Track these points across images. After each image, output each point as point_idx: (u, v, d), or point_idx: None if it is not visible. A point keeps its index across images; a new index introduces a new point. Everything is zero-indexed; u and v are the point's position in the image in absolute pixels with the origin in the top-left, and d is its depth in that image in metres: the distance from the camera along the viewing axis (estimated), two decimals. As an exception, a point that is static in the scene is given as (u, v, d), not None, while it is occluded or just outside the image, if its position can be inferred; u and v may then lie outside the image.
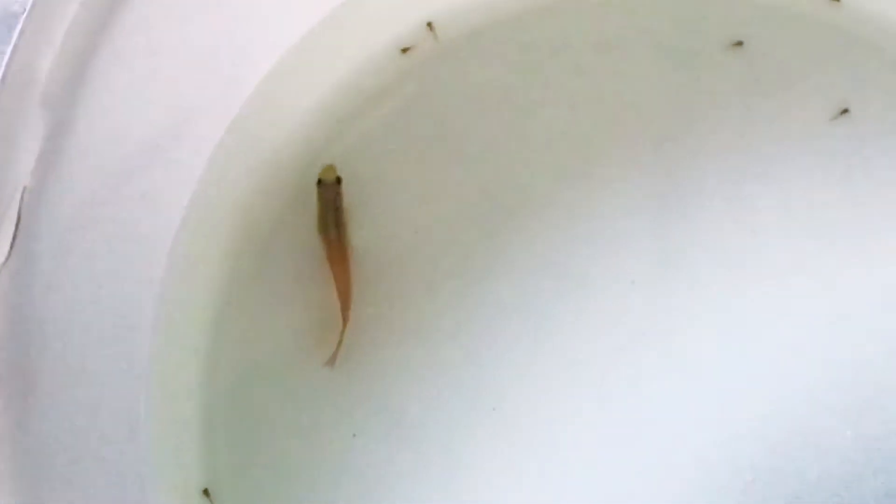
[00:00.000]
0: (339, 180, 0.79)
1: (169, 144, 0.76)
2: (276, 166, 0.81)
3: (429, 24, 0.82)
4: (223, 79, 0.79)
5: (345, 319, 0.76)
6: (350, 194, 0.80)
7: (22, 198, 0.63)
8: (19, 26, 0.63)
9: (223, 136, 0.79)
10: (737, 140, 0.80)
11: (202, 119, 0.78)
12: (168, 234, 0.77)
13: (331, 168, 0.80)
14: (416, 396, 0.76)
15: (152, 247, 0.76)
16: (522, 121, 0.81)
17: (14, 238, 0.63)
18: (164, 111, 0.74)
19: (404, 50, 0.82)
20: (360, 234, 0.79)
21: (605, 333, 0.77)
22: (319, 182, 0.79)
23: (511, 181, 0.80)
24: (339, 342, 0.76)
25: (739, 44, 0.81)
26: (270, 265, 0.80)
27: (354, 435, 0.75)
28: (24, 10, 0.63)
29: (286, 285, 0.79)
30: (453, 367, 0.77)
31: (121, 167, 0.72)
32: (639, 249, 0.78)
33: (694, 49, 0.81)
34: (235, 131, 0.79)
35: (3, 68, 0.62)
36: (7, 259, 0.63)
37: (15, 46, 0.63)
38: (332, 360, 0.76)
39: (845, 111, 0.80)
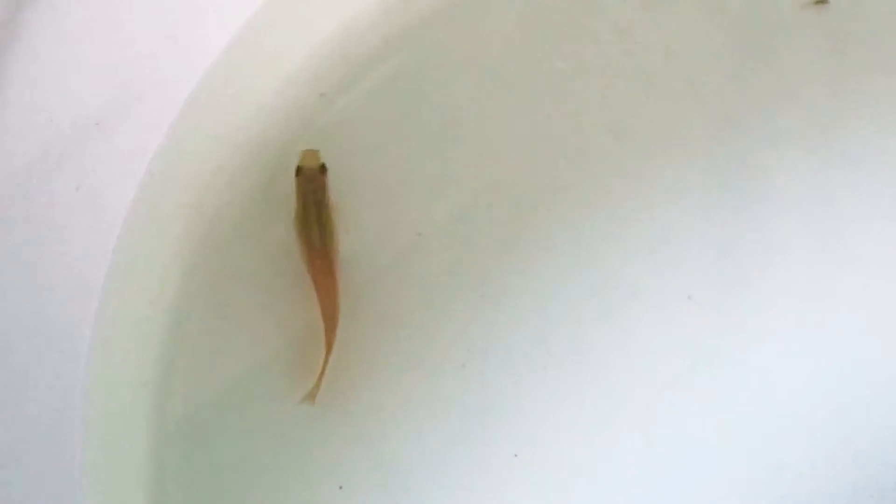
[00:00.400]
0: (323, 169, 0.72)
1: (110, 126, 0.70)
2: (242, 153, 0.74)
3: None
4: (178, 46, 0.73)
5: (328, 344, 0.69)
6: (336, 188, 0.72)
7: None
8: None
9: (177, 116, 0.72)
10: (818, 123, 0.73)
11: (152, 94, 0.72)
12: (108, 236, 0.71)
13: (313, 153, 0.72)
14: (416, 441, 0.68)
15: (88, 252, 0.70)
16: (545, 97, 0.74)
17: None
18: (104, 85, 0.69)
19: None
20: (347, 237, 0.72)
21: (655, 361, 0.69)
22: (299, 171, 0.72)
23: (533, 173, 0.73)
24: (321, 372, 0.68)
25: (823, 1, 0.74)
26: (235, 275, 0.72)
27: (341, 487, 0.68)
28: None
29: (255, 300, 0.71)
30: (462, 405, 0.69)
31: (49, 154, 0.67)
32: (695, 258, 0.70)
33: (763, 8, 0.74)
34: (192, 110, 0.73)
35: None
36: None
37: None
38: (312, 395, 0.68)
39: None
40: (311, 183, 0.71)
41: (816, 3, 0.74)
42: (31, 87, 0.64)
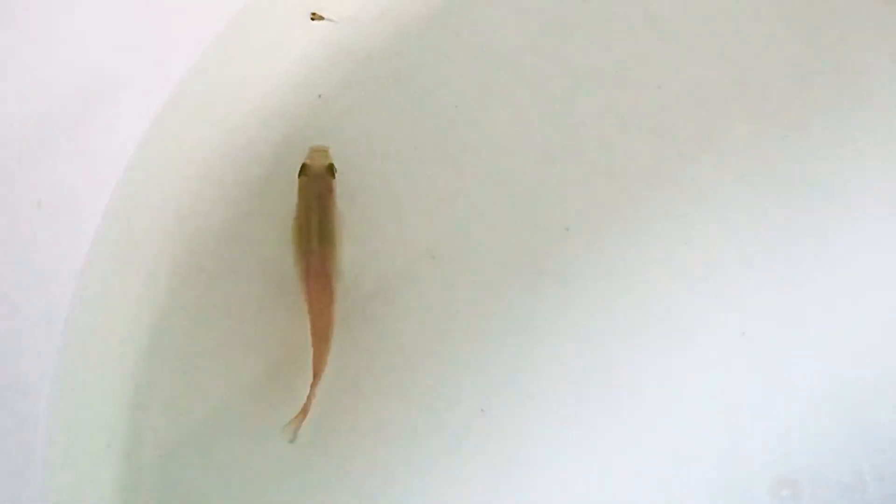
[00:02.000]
0: (331, 170, 0.64)
1: (80, 130, 0.62)
2: (228, 161, 0.66)
3: None
4: (160, 42, 0.66)
5: (317, 372, 0.60)
6: (342, 195, 0.64)
7: None
8: None
9: (155, 118, 0.65)
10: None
11: (128, 94, 0.64)
12: (75, 256, 0.63)
13: (322, 151, 0.64)
14: (416, 490, 0.60)
15: (51, 274, 0.62)
16: (569, 98, 0.66)
17: None
18: (71, 78, 0.61)
19: None
20: (349, 252, 0.63)
21: (704, 404, 0.61)
22: (303, 170, 0.64)
23: (560, 186, 0.64)
24: (307, 403, 0.60)
25: None
26: (217, 297, 0.64)
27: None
28: None
29: (238, 325, 0.63)
30: (480, 459, 0.60)
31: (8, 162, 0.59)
32: (750, 291, 0.62)
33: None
34: (171, 113, 0.66)
35: None
36: None
37: None
38: (294, 427, 0.60)
39: None
40: (317, 185, 0.63)
41: None
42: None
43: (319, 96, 0.66)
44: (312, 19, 0.67)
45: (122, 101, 0.63)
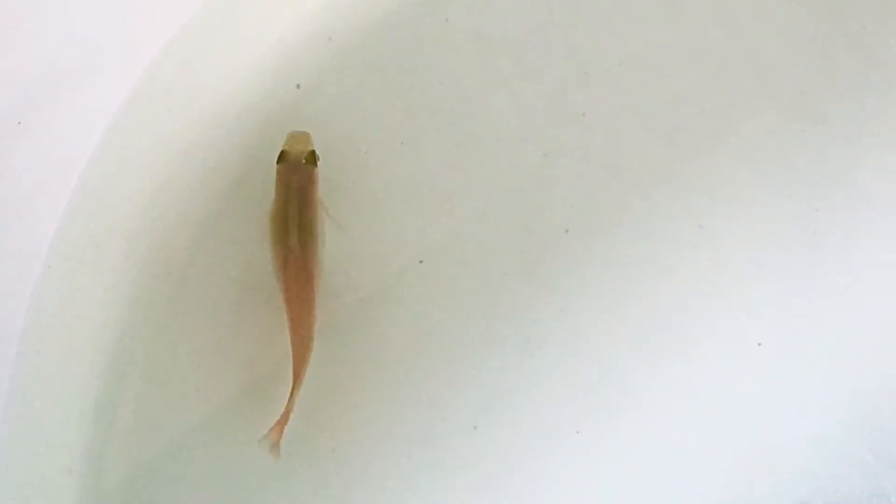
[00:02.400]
0: (313, 158, 0.59)
1: (35, 124, 0.58)
2: (196, 158, 0.61)
3: None
4: (123, 29, 0.61)
5: (297, 377, 0.56)
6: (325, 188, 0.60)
7: None
8: None
9: (117, 111, 0.61)
10: None
11: (94, 75, 0.60)
12: (30, 264, 0.59)
13: (302, 136, 0.60)
14: None
15: (5, 279, 0.59)
16: (576, 90, 0.62)
17: None
18: (29, 66, 0.57)
19: None
20: (332, 250, 0.59)
21: (715, 421, 0.57)
22: (282, 157, 0.59)
23: (560, 183, 0.60)
24: (286, 412, 0.56)
25: None
26: (186, 301, 0.60)
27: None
28: None
29: (211, 331, 0.59)
30: (472, 475, 0.57)
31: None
32: (766, 297, 0.58)
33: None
34: (133, 106, 0.61)
35: None
36: None
37: None
38: (273, 438, 0.55)
39: None
40: (297, 174, 0.59)
41: None
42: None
43: (298, 86, 0.61)
44: None
45: (85, 89, 0.59)
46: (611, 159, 0.60)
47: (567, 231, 0.59)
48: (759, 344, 0.57)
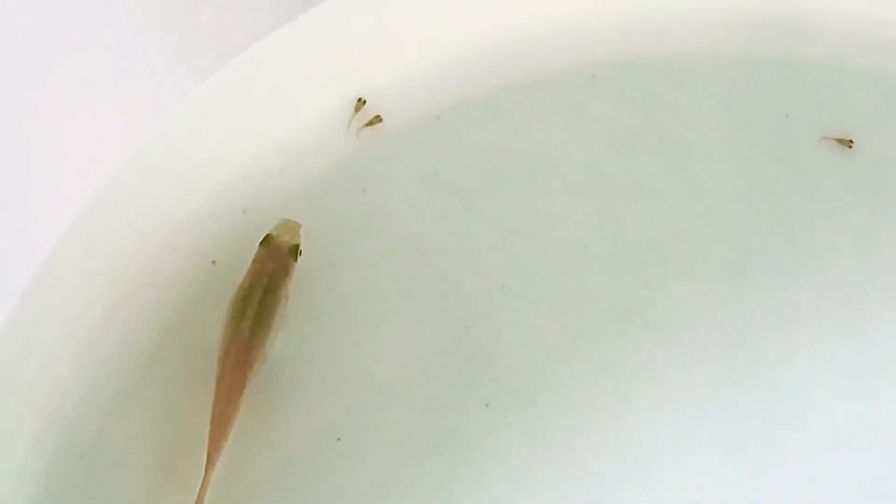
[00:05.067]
0: (296, 252, 0.60)
1: None
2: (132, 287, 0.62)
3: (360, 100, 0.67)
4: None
5: (211, 461, 0.57)
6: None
7: None
8: None
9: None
10: (851, 255, 0.66)
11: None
12: None
13: (292, 227, 0.61)
14: None
15: None
16: (546, 232, 0.65)
17: None
18: None
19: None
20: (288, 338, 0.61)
21: None
22: (266, 241, 0.60)
23: (485, 371, 0.61)
24: (201, 495, 0.56)
25: (849, 143, 0.68)
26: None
27: None
28: None
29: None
30: None
31: None
32: (716, 415, 0.62)
33: (792, 144, 0.67)
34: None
35: None
36: None
37: None
38: None
39: None
40: (274, 261, 0.59)
41: (841, 142, 0.68)
42: None
43: (213, 262, 0.62)
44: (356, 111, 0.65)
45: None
46: (582, 290, 0.62)
47: (487, 405, 0.59)
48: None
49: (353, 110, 0.67)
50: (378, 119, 0.67)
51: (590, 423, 0.61)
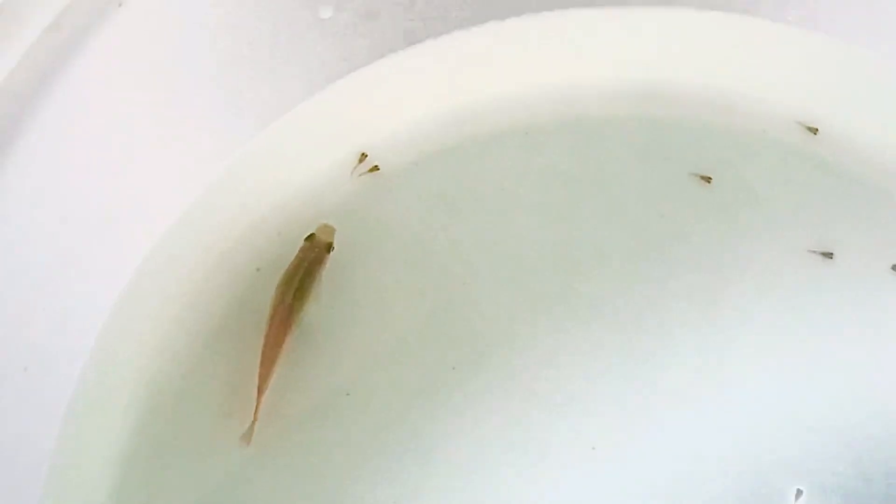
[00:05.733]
0: (329, 247, 0.75)
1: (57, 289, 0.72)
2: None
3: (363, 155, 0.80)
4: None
5: (261, 389, 0.71)
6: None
7: None
8: None
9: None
10: (710, 279, 0.77)
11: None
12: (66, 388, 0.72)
13: (329, 230, 0.76)
14: None
15: (47, 408, 0.72)
16: (474, 271, 0.78)
17: None
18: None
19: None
20: (318, 310, 0.75)
21: None
22: (309, 238, 0.75)
23: (466, 340, 0.76)
24: (256, 412, 0.71)
25: (708, 179, 0.80)
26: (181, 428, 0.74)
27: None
28: None
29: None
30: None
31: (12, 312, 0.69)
32: (600, 412, 0.73)
33: (655, 187, 0.79)
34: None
35: None
36: None
37: None
38: (249, 433, 0.71)
39: (828, 254, 0.77)
40: (313, 252, 0.74)
41: (703, 178, 0.79)
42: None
43: (258, 270, 0.76)
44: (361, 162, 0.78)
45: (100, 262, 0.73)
46: (501, 316, 0.75)
47: (454, 368, 0.73)
48: (593, 448, 0.71)
49: (356, 161, 0.81)
50: (376, 168, 0.80)
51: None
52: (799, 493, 0.70)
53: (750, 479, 0.71)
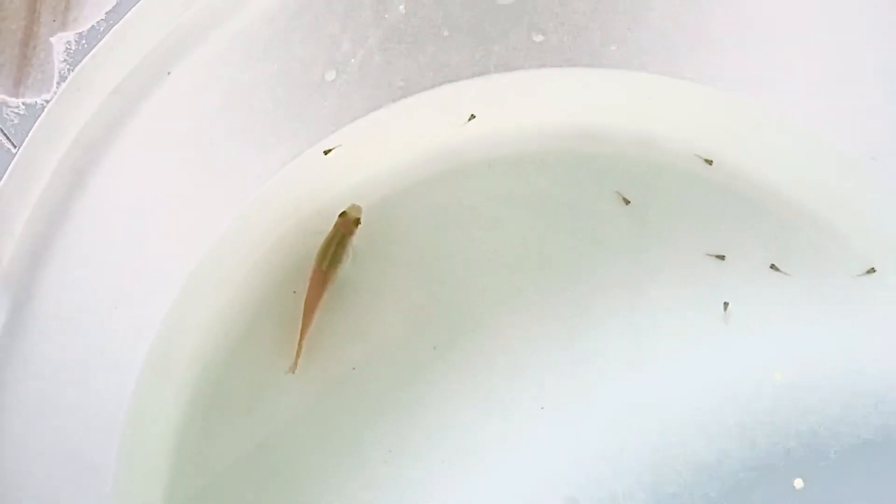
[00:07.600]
0: (357, 221, 0.88)
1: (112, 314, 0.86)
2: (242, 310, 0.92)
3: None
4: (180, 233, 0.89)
5: (304, 332, 0.85)
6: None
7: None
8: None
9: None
10: (627, 282, 0.90)
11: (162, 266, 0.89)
12: (127, 383, 0.86)
13: (357, 208, 0.88)
14: None
15: (112, 400, 0.85)
16: (443, 279, 0.92)
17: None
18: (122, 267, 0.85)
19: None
20: (349, 266, 0.89)
21: (523, 457, 0.86)
22: (342, 214, 0.88)
23: (442, 327, 0.90)
24: (298, 350, 0.85)
25: (627, 202, 0.92)
26: (228, 393, 0.89)
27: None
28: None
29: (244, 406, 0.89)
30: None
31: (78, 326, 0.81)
32: (547, 380, 0.88)
33: (588, 206, 0.92)
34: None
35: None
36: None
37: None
38: (293, 365, 0.85)
39: (721, 256, 0.90)
40: (345, 226, 0.87)
41: (623, 202, 0.91)
42: (65, 286, 0.79)
43: (294, 293, 0.89)
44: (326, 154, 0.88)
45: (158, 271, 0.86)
46: (465, 311, 0.89)
47: (435, 348, 0.87)
48: (542, 408, 0.84)
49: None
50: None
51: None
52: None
53: (666, 434, 0.86)
